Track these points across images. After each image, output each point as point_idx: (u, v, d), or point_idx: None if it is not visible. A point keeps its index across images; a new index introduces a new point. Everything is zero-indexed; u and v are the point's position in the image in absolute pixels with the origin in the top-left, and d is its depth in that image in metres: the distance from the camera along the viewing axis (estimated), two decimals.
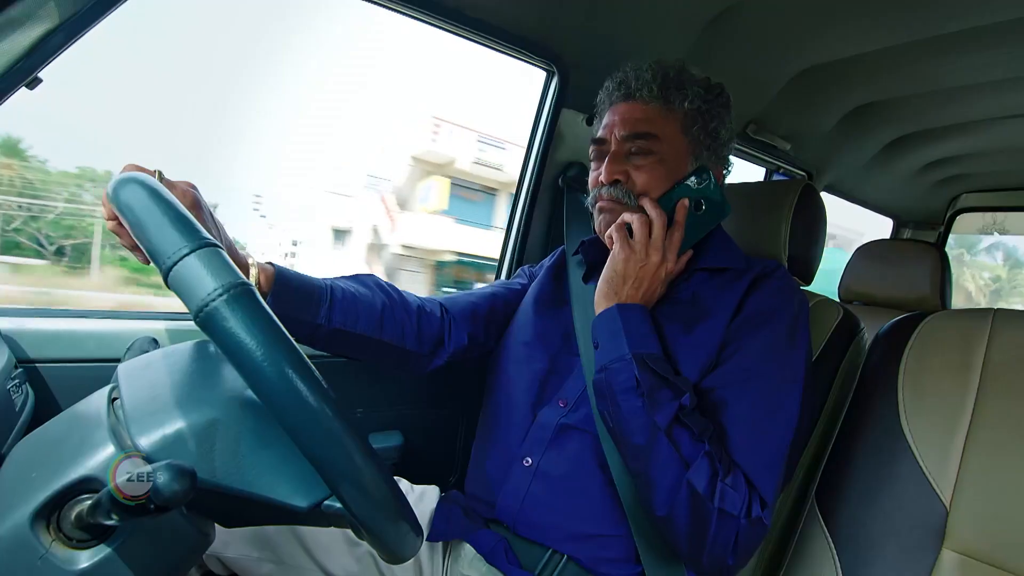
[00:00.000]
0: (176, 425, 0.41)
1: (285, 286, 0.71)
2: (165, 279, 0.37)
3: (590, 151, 0.88)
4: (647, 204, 0.78)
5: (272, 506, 0.42)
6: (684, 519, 0.63)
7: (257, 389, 0.37)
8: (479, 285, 1.22)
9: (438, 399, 1.19)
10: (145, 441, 0.40)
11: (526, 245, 1.29)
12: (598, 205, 0.83)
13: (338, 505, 0.41)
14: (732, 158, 0.89)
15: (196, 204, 0.62)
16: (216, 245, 0.38)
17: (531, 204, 1.27)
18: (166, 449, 0.40)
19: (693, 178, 0.79)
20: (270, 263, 0.71)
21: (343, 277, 0.82)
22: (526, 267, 1.07)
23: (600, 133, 0.86)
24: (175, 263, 0.37)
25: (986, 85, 1.34)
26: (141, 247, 0.39)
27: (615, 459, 0.73)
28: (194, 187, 0.63)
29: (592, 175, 0.86)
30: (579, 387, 0.80)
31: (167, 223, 0.38)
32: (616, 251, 0.76)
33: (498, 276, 1.33)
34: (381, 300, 0.82)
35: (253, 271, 0.68)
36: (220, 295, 0.36)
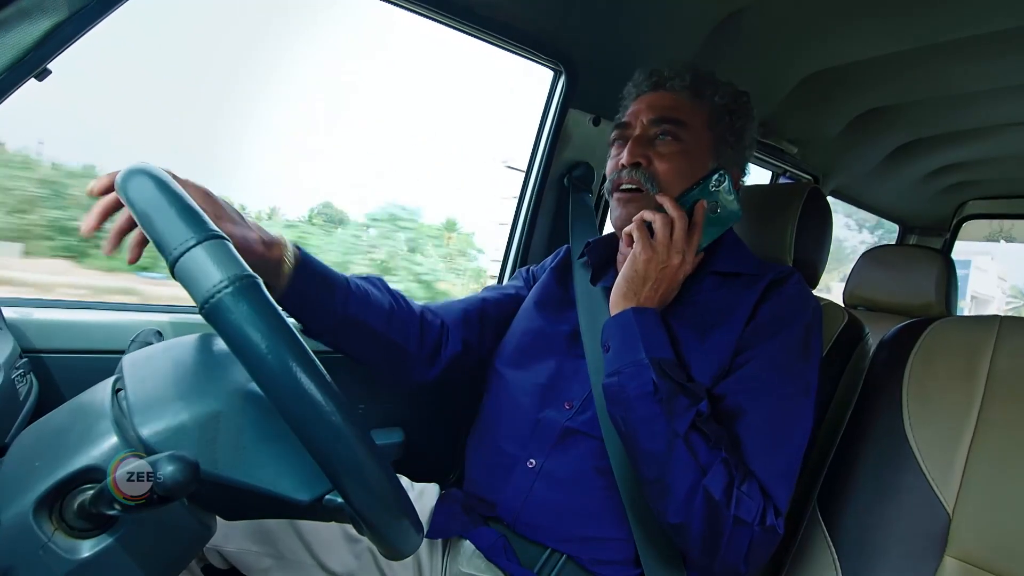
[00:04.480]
0: (179, 416, 0.41)
1: (308, 268, 0.73)
2: (172, 270, 0.37)
3: (611, 136, 0.87)
4: (667, 203, 0.76)
5: (273, 499, 0.42)
6: (699, 526, 0.62)
7: (261, 382, 0.37)
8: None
9: (439, 396, 1.19)
10: (148, 432, 0.40)
11: (530, 244, 1.29)
12: (618, 192, 0.82)
13: (339, 500, 0.41)
14: None
15: (208, 195, 0.63)
16: (223, 237, 0.38)
17: (536, 203, 1.27)
18: (169, 440, 0.40)
19: (713, 178, 0.78)
20: (297, 246, 0.74)
21: (356, 276, 0.83)
22: (523, 269, 1.06)
23: (625, 118, 0.86)
24: (181, 254, 0.37)
25: (994, 91, 1.34)
26: (149, 239, 0.39)
27: (619, 463, 0.73)
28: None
29: (611, 161, 0.86)
30: (584, 389, 0.80)
31: (174, 214, 0.38)
32: (637, 251, 0.75)
33: (501, 274, 1.33)
34: (388, 300, 0.84)
35: (290, 249, 0.71)
36: (226, 287, 0.36)
